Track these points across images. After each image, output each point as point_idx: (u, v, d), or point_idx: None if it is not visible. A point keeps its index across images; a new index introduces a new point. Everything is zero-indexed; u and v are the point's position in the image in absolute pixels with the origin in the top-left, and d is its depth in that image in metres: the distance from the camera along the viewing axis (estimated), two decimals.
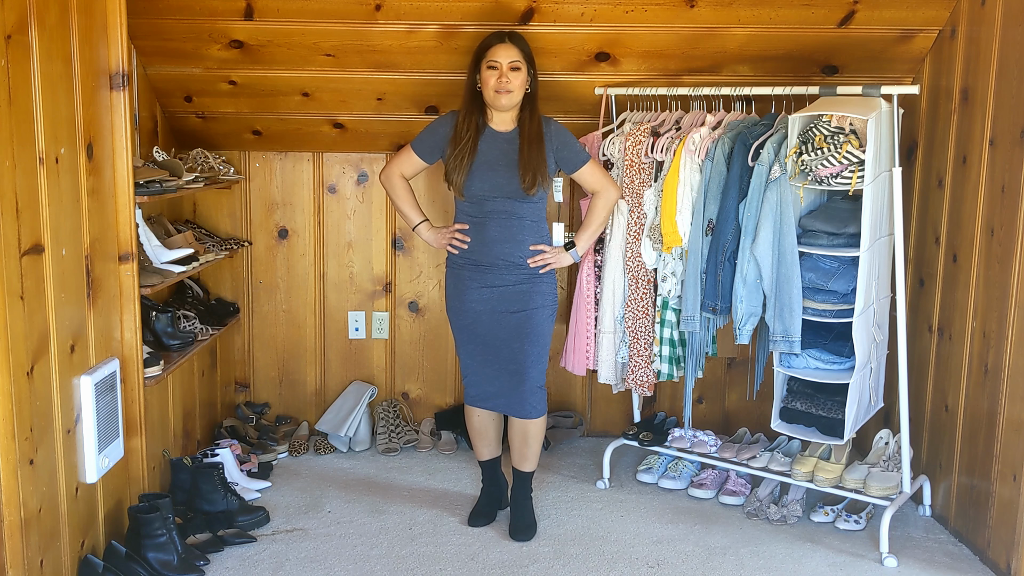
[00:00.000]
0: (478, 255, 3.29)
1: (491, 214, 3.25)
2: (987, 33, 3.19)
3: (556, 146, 3.27)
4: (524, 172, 3.19)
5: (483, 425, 3.47)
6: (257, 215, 4.26)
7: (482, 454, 3.53)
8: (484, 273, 3.29)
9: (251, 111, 3.96)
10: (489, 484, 3.56)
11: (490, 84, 3.19)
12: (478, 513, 3.50)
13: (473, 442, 3.55)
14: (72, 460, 2.74)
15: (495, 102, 3.20)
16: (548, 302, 3.33)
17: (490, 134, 3.27)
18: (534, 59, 3.26)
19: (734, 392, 4.35)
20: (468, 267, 3.32)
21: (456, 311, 3.37)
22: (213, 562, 3.14)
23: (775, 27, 3.48)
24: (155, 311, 3.47)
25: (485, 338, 3.33)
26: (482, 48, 3.23)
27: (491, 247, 3.27)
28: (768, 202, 3.19)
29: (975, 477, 3.27)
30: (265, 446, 4.07)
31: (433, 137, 3.33)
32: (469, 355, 3.39)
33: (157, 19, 3.45)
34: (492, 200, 3.23)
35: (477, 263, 3.30)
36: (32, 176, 2.47)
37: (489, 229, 3.26)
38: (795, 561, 3.22)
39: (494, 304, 3.29)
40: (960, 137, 3.38)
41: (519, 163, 3.21)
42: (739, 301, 3.28)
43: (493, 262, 3.28)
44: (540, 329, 3.32)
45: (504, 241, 3.26)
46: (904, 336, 3.33)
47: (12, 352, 2.38)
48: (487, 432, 3.49)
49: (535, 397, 3.33)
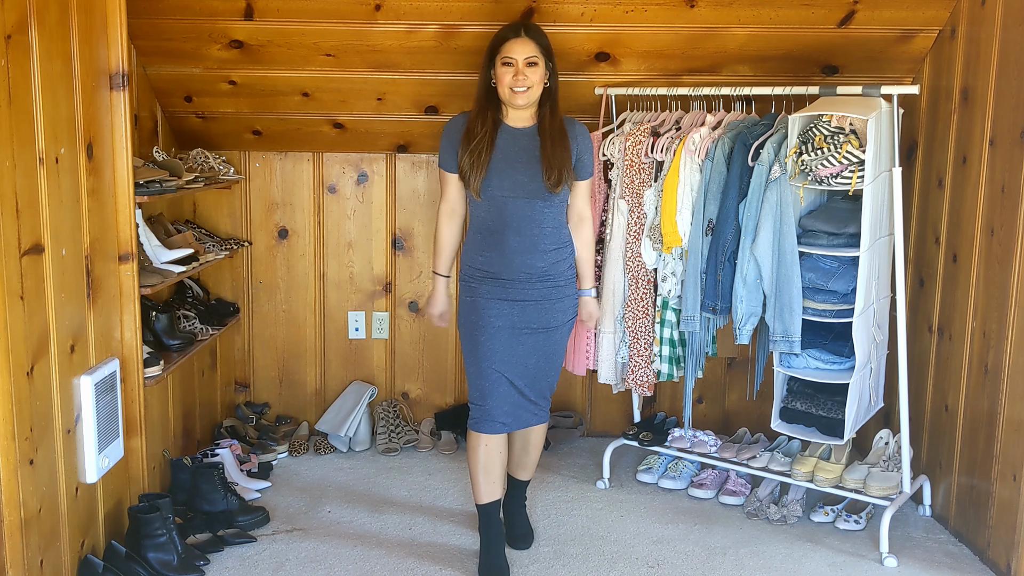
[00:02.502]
0: (497, 267, 3.02)
1: (511, 220, 2.99)
2: (987, 33, 3.19)
3: (580, 149, 3.06)
4: (548, 169, 2.96)
5: (491, 457, 3.07)
6: (257, 215, 4.26)
7: (486, 494, 3.10)
8: (504, 287, 3.02)
9: (251, 111, 3.96)
10: (492, 537, 3.12)
11: (505, 82, 2.96)
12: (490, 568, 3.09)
13: (477, 480, 3.09)
14: (72, 460, 2.74)
15: (512, 100, 2.98)
16: (570, 316, 3.14)
17: (507, 131, 3.03)
18: (552, 51, 3.04)
19: (734, 392, 4.35)
20: (486, 281, 3.04)
21: (472, 328, 3.06)
22: (213, 562, 3.14)
23: (775, 27, 3.48)
24: (155, 311, 3.47)
25: (504, 356, 3.03)
26: (496, 42, 3.00)
27: (511, 259, 3.01)
28: (768, 202, 3.19)
29: (975, 477, 3.27)
30: (265, 446, 4.07)
31: (450, 143, 3.06)
32: (485, 376, 3.03)
33: (157, 19, 3.45)
34: (512, 201, 2.98)
35: (496, 276, 3.03)
36: (32, 176, 2.47)
37: (508, 239, 3.00)
38: (795, 561, 3.22)
39: (514, 320, 3.03)
40: (960, 137, 3.38)
41: (542, 160, 2.98)
42: (739, 301, 3.28)
43: (514, 275, 3.02)
44: (560, 346, 3.13)
45: (525, 252, 3.01)
46: (904, 336, 3.33)
47: (12, 352, 2.38)
48: (495, 466, 3.09)
49: (542, 404, 3.17)
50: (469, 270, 3.10)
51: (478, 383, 3.05)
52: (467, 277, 3.11)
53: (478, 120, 3.02)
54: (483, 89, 3.05)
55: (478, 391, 3.06)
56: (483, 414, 3.06)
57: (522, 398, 3.08)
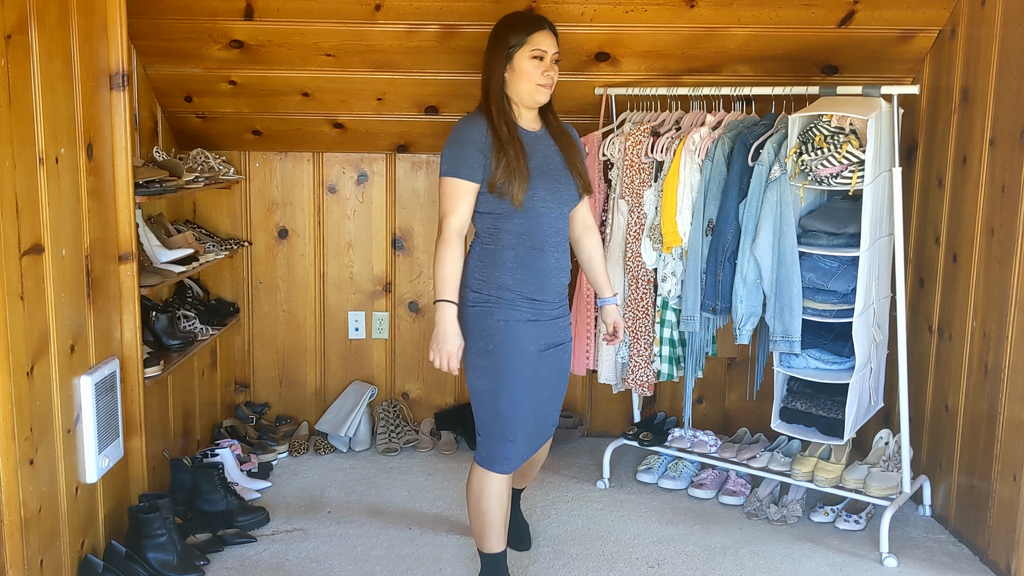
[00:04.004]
0: (534, 288, 2.71)
1: (549, 235, 2.72)
2: (987, 33, 3.19)
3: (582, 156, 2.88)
4: (577, 175, 2.77)
5: (504, 500, 2.79)
6: (257, 215, 4.26)
7: (497, 542, 2.82)
8: (538, 307, 2.73)
9: (251, 111, 3.96)
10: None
11: (533, 76, 2.67)
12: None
13: (488, 527, 2.78)
14: (72, 460, 2.74)
15: (534, 96, 2.71)
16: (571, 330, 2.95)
17: (524, 134, 2.75)
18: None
19: (734, 392, 4.35)
20: (518, 303, 2.70)
21: (503, 355, 2.68)
22: (213, 562, 3.14)
23: (775, 27, 3.48)
24: (155, 311, 3.47)
25: (534, 382, 2.74)
26: (520, 32, 2.69)
27: (549, 279, 2.73)
28: (768, 202, 3.19)
29: (975, 477, 3.27)
30: (265, 446, 4.07)
31: (475, 150, 2.65)
32: (519, 407, 2.71)
33: (157, 19, 3.45)
34: (548, 212, 2.70)
35: (531, 297, 2.71)
36: (32, 176, 2.47)
37: (549, 257, 2.72)
38: (795, 561, 3.22)
39: (541, 341, 2.75)
40: (960, 137, 3.38)
41: (568, 165, 2.77)
42: (739, 301, 3.28)
43: (549, 296, 2.75)
44: (570, 361, 2.93)
45: (560, 271, 2.77)
46: (904, 336, 3.33)
47: (12, 352, 2.38)
48: (505, 507, 2.81)
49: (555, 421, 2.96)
50: (490, 291, 2.71)
51: (514, 417, 2.71)
52: (486, 299, 2.71)
53: (500, 122, 2.69)
54: (498, 85, 2.73)
55: (512, 428, 2.71)
56: (509, 451, 2.73)
57: (542, 422, 2.85)
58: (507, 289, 2.70)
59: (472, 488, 2.80)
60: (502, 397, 2.70)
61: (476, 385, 2.74)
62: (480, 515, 2.79)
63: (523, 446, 2.78)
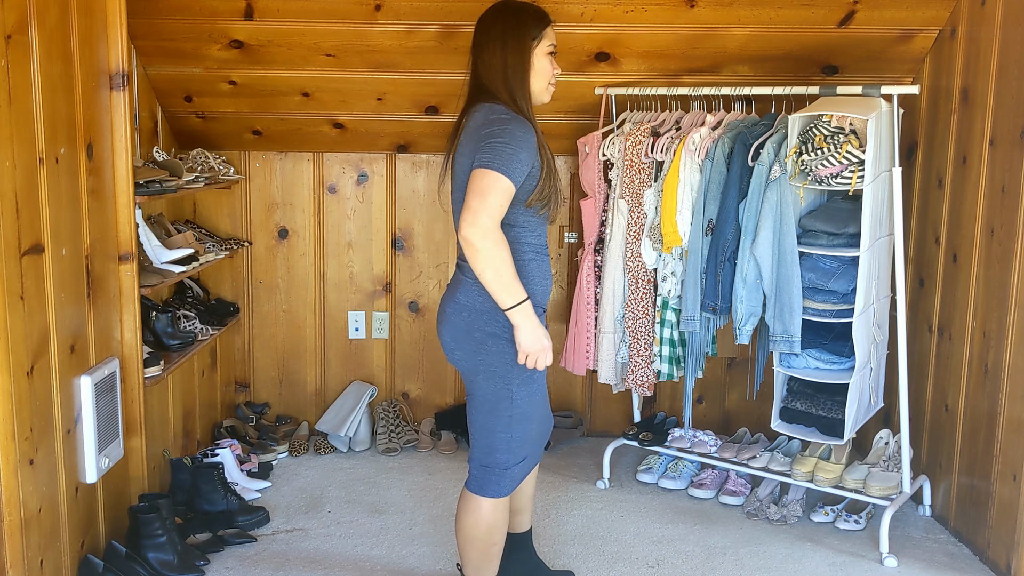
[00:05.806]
0: (544, 297, 2.59)
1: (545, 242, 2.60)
2: (987, 33, 3.19)
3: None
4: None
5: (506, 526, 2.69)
6: (257, 215, 4.26)
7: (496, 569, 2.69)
8: (542, 318, 2.54)
9: (251, 111, 3.96)
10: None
11: (547, 74, 2.52)
12: None
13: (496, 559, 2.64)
14: (72, 460, 2.74)
15: (542, 98, 2.55)
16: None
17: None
18: None
19: (734, 392, 4.35)
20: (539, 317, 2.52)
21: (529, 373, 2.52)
22: (213, 562, 3.14)
23: (775, 27, 3.48)
24: (155, 311, 3.47)
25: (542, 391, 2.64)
26: (538, 25, 2.50)
27: (549, 285, 2.62)
28: (768, 202, 3.19)
29: (975, 477, 3.27)
30: (265, 446, 4.07)
31: (528, 159, 2.40)
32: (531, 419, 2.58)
33: (157, 19, 3.46)
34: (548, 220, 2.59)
35: (544, 308, 2.59)
36: (32, 176, 2.47)
37: (547, 263, 2.59)
38: (795, 561, 3.22)
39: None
40: (960, 137, 3.38)
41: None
42: (739, 301, 3.28)
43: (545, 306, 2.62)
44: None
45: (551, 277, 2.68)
46: (904, 336, 3.33)
47: (12, 352, 2.38)
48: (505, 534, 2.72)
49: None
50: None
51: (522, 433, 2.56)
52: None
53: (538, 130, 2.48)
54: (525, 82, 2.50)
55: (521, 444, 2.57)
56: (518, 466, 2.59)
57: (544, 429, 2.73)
58: (536, 304, 2.52)
59: (480, 520, 2.59)
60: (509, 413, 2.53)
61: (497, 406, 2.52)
62: (489, 547, 2.62)
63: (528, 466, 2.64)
